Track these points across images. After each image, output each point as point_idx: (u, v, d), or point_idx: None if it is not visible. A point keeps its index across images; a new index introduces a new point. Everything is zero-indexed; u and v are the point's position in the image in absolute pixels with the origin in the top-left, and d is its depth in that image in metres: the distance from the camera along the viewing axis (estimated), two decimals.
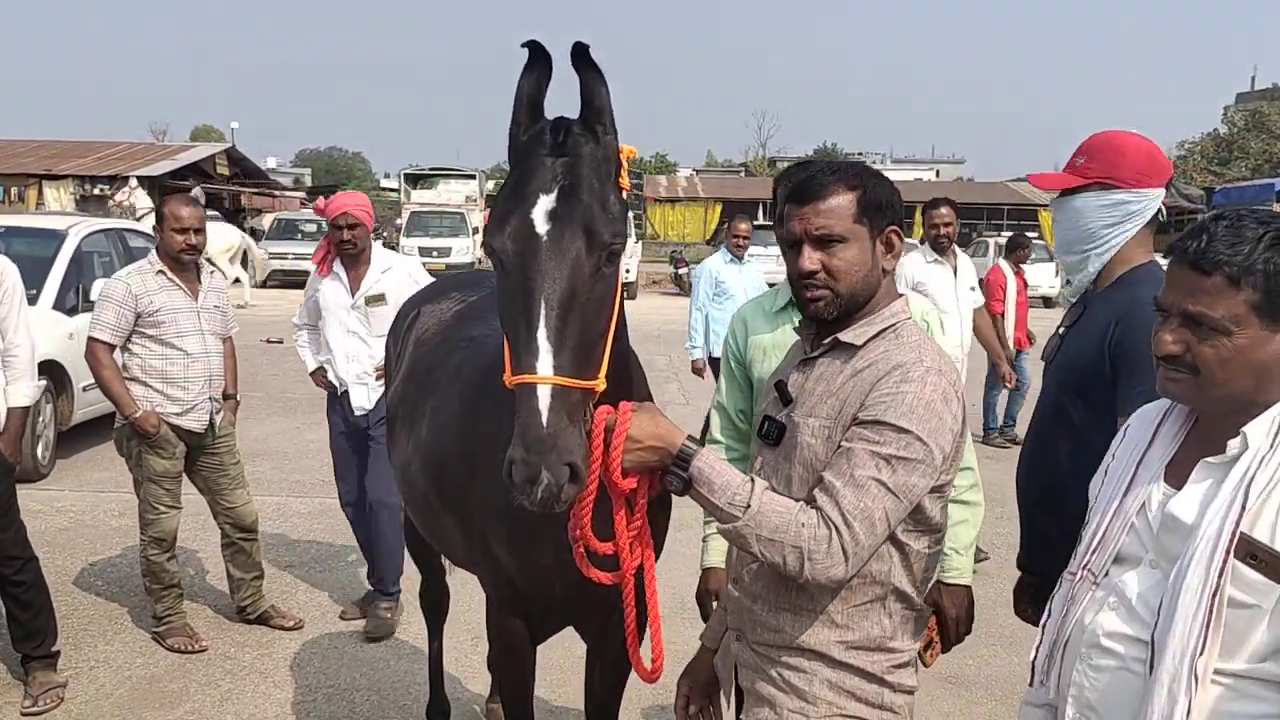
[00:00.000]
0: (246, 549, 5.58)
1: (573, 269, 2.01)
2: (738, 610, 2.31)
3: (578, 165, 2.07)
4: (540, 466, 1.89)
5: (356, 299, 5.54)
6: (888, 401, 2.04)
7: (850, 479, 2.00)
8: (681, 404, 11.86)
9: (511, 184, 2.11)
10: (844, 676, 2.15)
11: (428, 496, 3.23)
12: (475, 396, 2.97)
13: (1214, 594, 1.70)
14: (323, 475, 8.57)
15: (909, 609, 2.20)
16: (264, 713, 4.65)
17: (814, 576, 1.99)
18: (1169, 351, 1.82)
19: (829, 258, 2.14)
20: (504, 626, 2.97)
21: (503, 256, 2.06)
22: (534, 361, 1.95)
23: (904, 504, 2.03)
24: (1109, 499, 1.97)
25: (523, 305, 1.99)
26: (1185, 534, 1.77)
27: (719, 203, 46.38)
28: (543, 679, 4.76)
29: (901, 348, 2.13)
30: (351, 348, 5.56)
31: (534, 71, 2.13)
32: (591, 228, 2.03)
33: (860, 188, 2.15)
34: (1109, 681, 1.86)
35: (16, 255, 9.28)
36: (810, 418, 2.15)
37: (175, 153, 37.97)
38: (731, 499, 2.02)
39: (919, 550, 2.17)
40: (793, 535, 1.99)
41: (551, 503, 1.92)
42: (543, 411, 1.92)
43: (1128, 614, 1.85)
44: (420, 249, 27.43)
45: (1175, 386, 1.85)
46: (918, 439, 2.02)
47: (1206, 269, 1.77)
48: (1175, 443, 1.92)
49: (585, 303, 2.02)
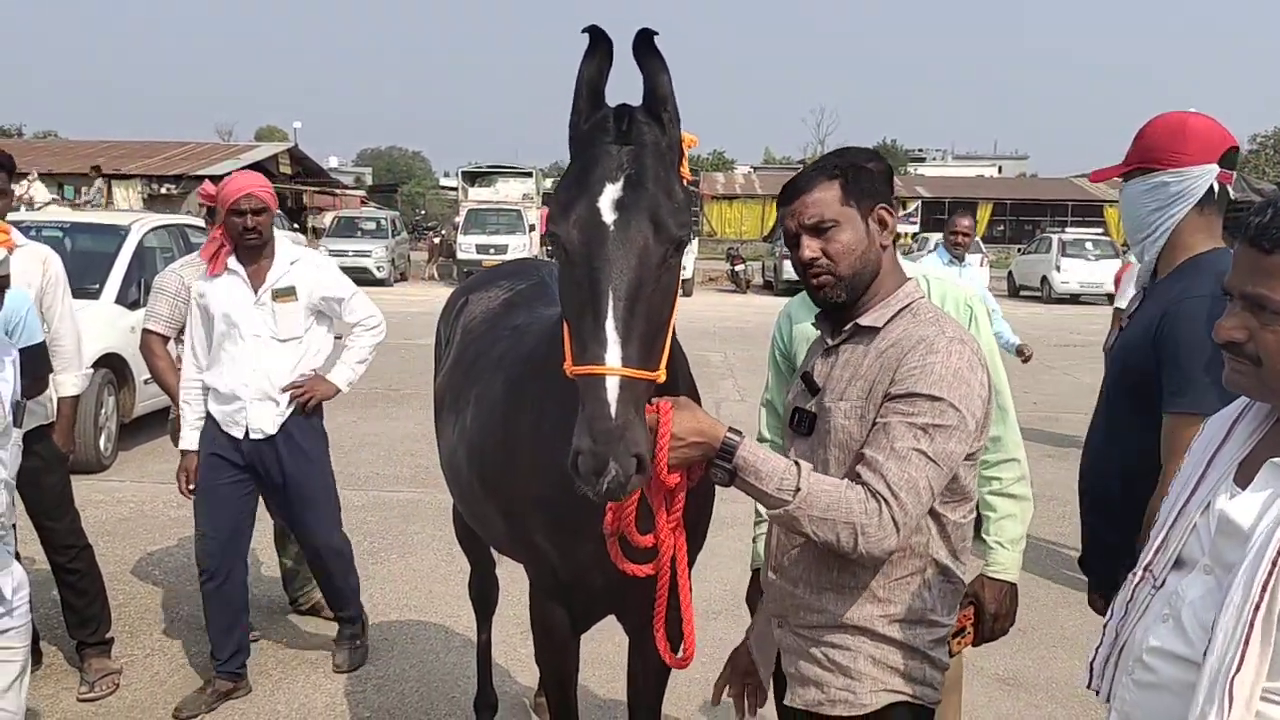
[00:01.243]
0: None
1: (640, 259, 1.99)
2: (779, 596, 2.35)
3: (643, 154, 2.05)
4: (608, 458, 1.87)
5: (261, 294, 4.56)
6: (917, 374, 2.10)
7: (891, 451, 2.06)
8: (737, 400, 11.79)
9: (575, 172, 2.08)
10: (887, 652, 2.22)
11: (472, 484, 3.21)
12: (517, 385, 2.94)
13: (1255, 607, 1.57)
14: (378, 469, 8.67)
15: (947, 581, 2.27)
16: (314, 702, 4.67)
17: (868, 550, 2.03)
18: (1229, 338, 1.69)
19: (826, 243, 2.22)
20: (546, 615, 2.95)
21: (568, 245, 2.03)
22: (602, 352, 1.93)
23: (944, 471, 2.09)
24: (1176, 498, 1.87)
25: (589, 295, 1.97)
26: (1241, 540, 1.64)
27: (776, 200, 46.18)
28: (590, 673, 4.75)
29: (921, 323, 2.20)
30: (255, 355, 4.55)
31: (595, 58, 2.10)
32: (658, 217, 2.01)
33: (841, 175, 2.24)
34: (1146, 699, 1.77)
35: (81, 251, 9.59)
36: (841, 401, 2.21)
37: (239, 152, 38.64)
38: (780, 484, 2.03)
39: (955, 520, 2.23)
40: (844, 512, 2.02)
41: (617, 494, 1.91)
42: (611, 403, 1.90)
43: (1175, 628, 1.74)
44: (477, 246, 27.73)
45: (1238, 378, 1.72)
46: (950, 405, 2.08)
47: (1267, 247, 1.62)
48: (1251, 441, 1.78)
49: (652, 293, 2.00)
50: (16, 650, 3.03)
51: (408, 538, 6.94)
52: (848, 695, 2.21)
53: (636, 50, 2.07)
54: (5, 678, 3.00)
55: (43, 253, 4.72)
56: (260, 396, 4.57)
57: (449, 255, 31.49)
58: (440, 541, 6.63)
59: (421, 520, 7.24)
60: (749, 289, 30.44)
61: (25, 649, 3.09)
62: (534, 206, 31.68)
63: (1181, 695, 1.67)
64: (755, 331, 19.65)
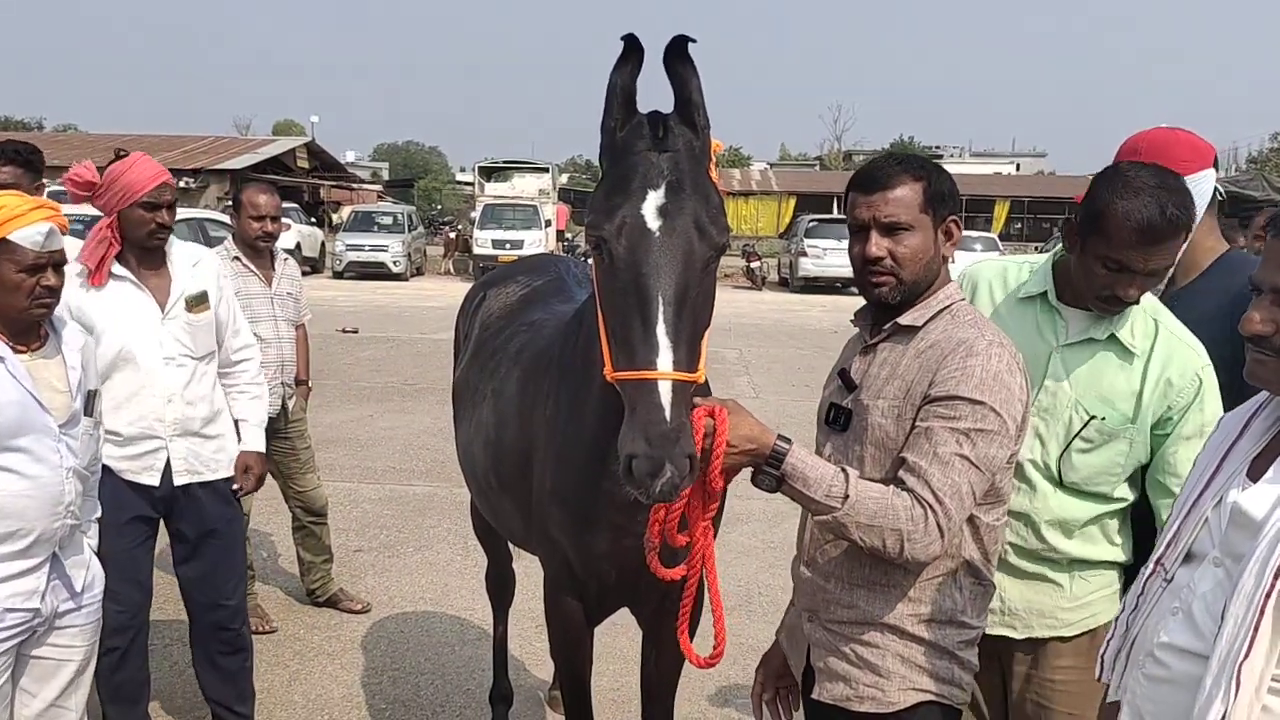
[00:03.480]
0: (316, 532, 5.65)
1: (686, 264, 2.03)
2: (810, 590, 2.36)
3: (680, 160, 2.10)
4: (664, 460, 1.90)
5: (171, 307, 3.70)
6: (958, 376, 2.10)
7: (935, 457, 2.07)
8: (752, 397, 11.77)
9: (615, 179, 2.11)
10: (915, 651, 2.22)
11: (488, 478, 3.25)
12: (533, 379, 2.97)
13: (1266, 595, 1.59)
14: (394, 463, 8.71)
15: (978, 583, 2.26)
16: (330, 694, 4.71)
17: (913, 555, 2.06)
18: (1256, 331, 1.70)
19: (895, 245, 2.20)
20: (560, 607, 2.97)
21: (614, 251, 2.05)
22: (654, 357, 1.97)
23: (986, 476, 2.10)
24: (1190, 491, 1.88)
25: (638, 301, 2.00)
26: (1253, 531, 1.66)
27: (792, 196, 46.01)
28: (605, 667, 4.77)
29: (961, 325, 2.20)
30: (169, 382, 3.66)
31: (628, 64, 2.13)
32: (701, 223, 2.06)
33: (925, 178, 2.21)
34: (1157, 693, 1.78)
35: None
36: (879, 399, 2.21)
37: (256, 146, 38.86)
38: (829, 491, 2.07)
39: (989, 523, 2.23)
40: (890, 519, 2.04)
41: (670, 495, 1.94)
42: (666, 406, 1.94)
43: (1185, 621, 1.75)
44: (494, 241, 27.75)
45: (1264, 370, 1.73)
46: (991, 410, 2.08)
47: None
48: (1267, 436, 1.80)
49: (696, 297, 2.05)
50: (77, 649, 2.93)
51: (424, 532, 6.98)
52: (876, 693, 2.22)
53: (668, 56, 2.11)
54: (62, 676, 2.91)
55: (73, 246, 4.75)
56: (181, 432, 3.70)
57: (465, 250, 31.57)
58: (456, 535, 6.67)
59: (438, 514, 7.28)
60: (764, 286, 30.39)
61: (89, 647, 2.99)
62: (550, 202, 31.69)
63: (1192, 690, 1.68)
64: (771, 328, 19.64)
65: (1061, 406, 2.46)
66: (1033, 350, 2.46)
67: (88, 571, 2.97)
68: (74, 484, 2.82)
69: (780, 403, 11.28)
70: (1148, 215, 2.27)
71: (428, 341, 14.75)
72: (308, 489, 5.58)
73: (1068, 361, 2.48)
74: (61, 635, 2.90)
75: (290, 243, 23.79)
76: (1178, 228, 2.28)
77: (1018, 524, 2.51)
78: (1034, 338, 2.51)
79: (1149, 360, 2.44)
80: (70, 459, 2.81)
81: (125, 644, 3.76)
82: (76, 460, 2.84)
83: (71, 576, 2.90)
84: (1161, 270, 2.36)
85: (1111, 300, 2.38)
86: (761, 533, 6.74)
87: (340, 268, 28.26)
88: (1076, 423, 2.44)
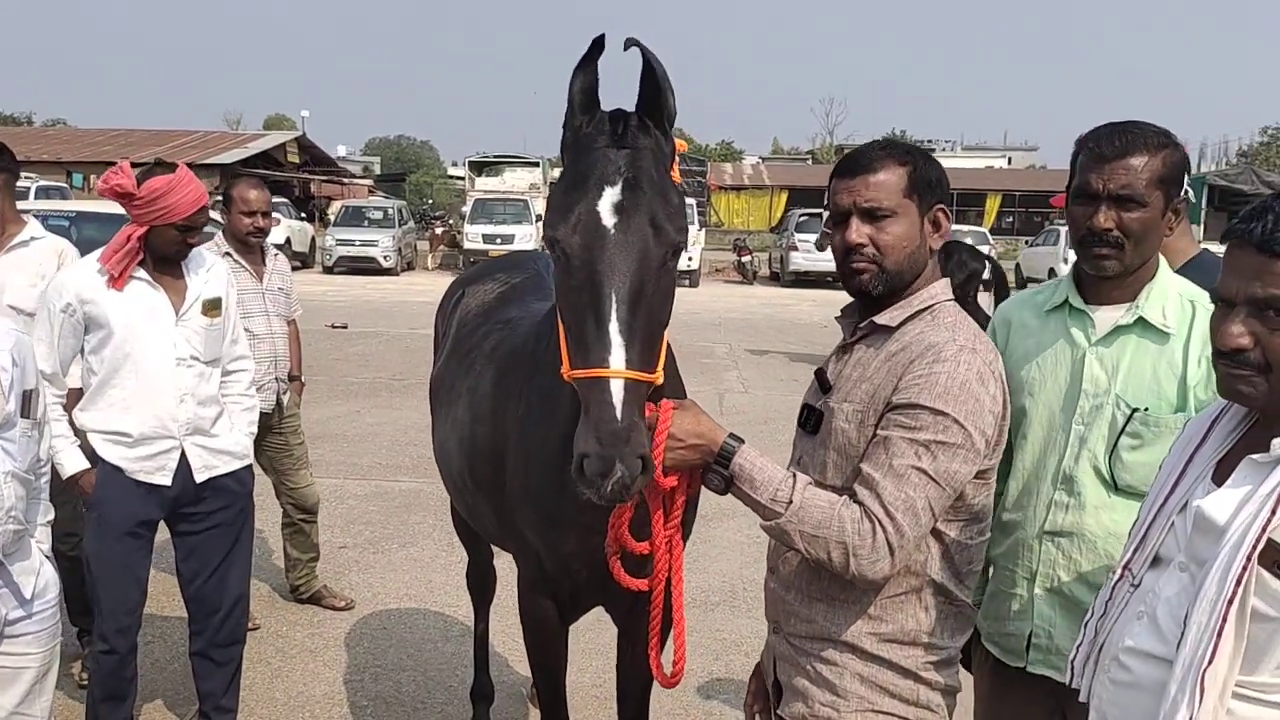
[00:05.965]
0: (305, 530, 5.65)
1: (641, 262, 2.00)
2: (774, 601, 2.29)
3: (640, 158, 2.07)
4: (615, 459, 1.88)
5: (187, 310, 3.74)
6: (921, 384, 1.99)
7: (889, 469, 1.97)
8: (740, 392, 11.77)
9: (572, 176, 2.09)
10: (876, 670, 2.11)
11: (463, 476, 3.25)
12: (508, 377, 2.97)
13: (1229, 602, 1.58)
14: (380, 459, 8.70)
15: (949, 603, 2.14)
16: (312, 691, 4.71)
17: (860, 572, 1.97)
18: (1238, 345, 1.66)
19: (877, 232, 2.09)
20: (534, 605, 2.98)
21: (568, 249, 2.04)
22: (606, 355, 1.95)
23: (947, 492, 1.99)
24: (1156, 495, 1.87)
25: (591, 298, 1.98)
26: (1216, 535, 1.65)
27: (785, 190, 46.06)
28: (587, 664, 4.78)
29: (936, 328, 2.09)
30: (183, 384, 3.71)
31: (593, 63, 2.11)
32: (658, 221, 2.03)
33: (910, 163, 2.11)
34: (1122, 697, 1.79)
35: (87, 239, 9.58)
36: (845, 403, 2.12)
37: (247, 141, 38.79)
38: (774, 495, 2.00)
39: (959, 540, 2.11)
40: (836, 531, 1.96)
41: (621, 495, 1.92)
42: (617, 405, 1.92)
43: (1150, 626, 1.75)
44: (484, 236, 27.70)
45: (1244, 385, 1.68)
46: (955, 422, 1.96)
47: (1277, 250, 1.62)
48: (1230, 440, 1.79)
49: (652, 296, 2.02)
50: (33, 655, 2.86)
51: (409, 528, 6.98)
52: (831, 713, 2.12)
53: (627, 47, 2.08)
54: (21, 684, 2.85)
55: (59, 245, 4.73)
56: (192, 431, 3.75)
57: (452, 245, 31.51)
58: (441, 531, 6.66)
59: (423, 510, 7.27)
60: (755, 280, 30.40)
61: (46, 653, 2.91)
62: (541, 196, 31.61)
63: (1156, 694, 1.68)
64: (761, 323, 19.64)
65: (1103, 406, 2.32)
66: (1067, 357, 2.39)
67: (38, 577, 2.87)
68: (14, 488, 2.73)
69: (769, 398, 11.27)
70: (1099, 131, 2.28)
71: (416, 337, 14.73)
72: (300, 485, 5.58)
73: (1102, 358, 2.34)
74: (15, 644, 2.82)
75: (280, 238, 23.73)
76: (1131, 141, 2.22)
77: (1067, 545, 2.35)
78: (1065, 344, 2.40)
79: (1188, 341, 2.29)
80: (7, 462, 2.71)
81: (127, 646, 3.80)
82: (15, 464, 2.73)
83: (20, 584, 2.81)
84: (1126, 197, 2.22)
85: (1090, 240, 2.27)
86: (746, 528, 6.73)
87: (330, 262, 28.19)
88: (1120, 419, 2.30)
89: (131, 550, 3.71)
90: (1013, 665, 2.46)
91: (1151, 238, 2.25)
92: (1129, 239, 2.20)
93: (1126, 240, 2.19)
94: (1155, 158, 2.19)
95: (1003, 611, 2.47)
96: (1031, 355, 2.47)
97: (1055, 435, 2.39)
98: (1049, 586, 2.37)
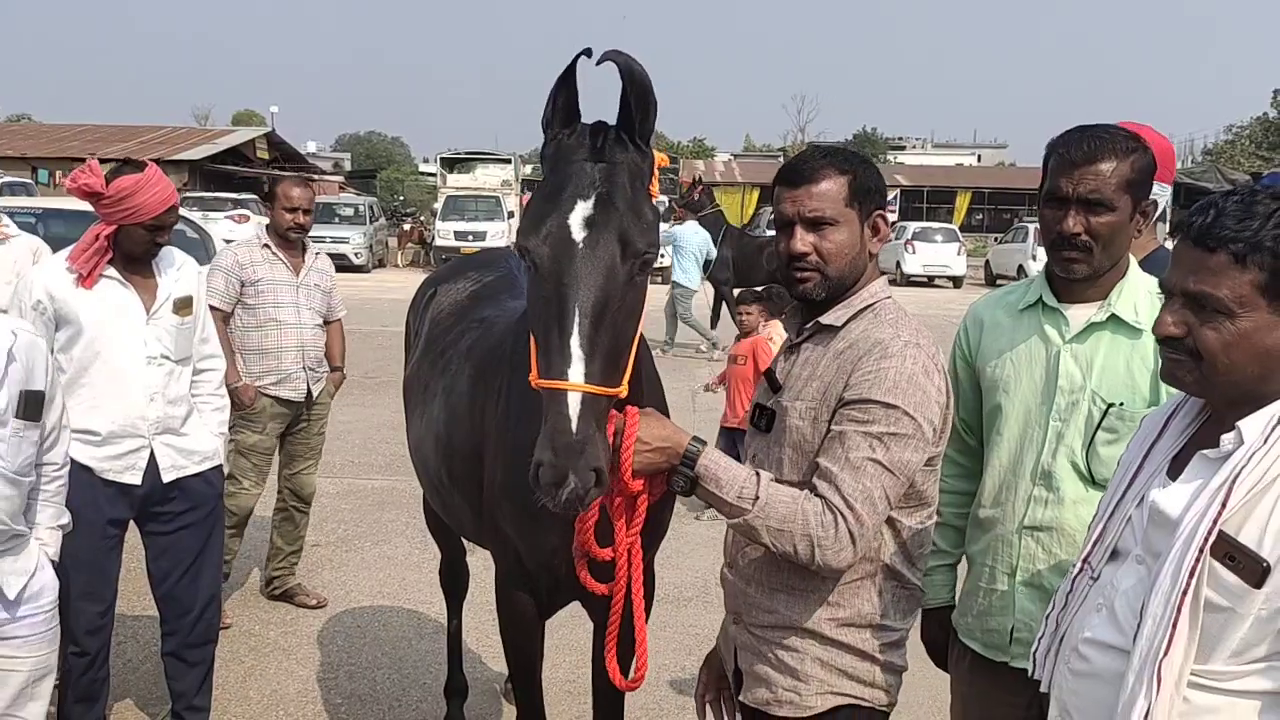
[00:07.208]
0: (295, 519, 5.68)
1: (607, 277, 2.03)
2: (734, 594, 2.35)
3: (615, 172, 2.09)
4: (568, 471, 1.92)
5: (158, 309, 3.70)
6: (871, 379, 2.08)
7: (846, 462, 2.05)
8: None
9: (549, 187, 2.11)
10: (835, 654, 2.21)
11: (440, 474, 3.26)
12: (484, 376, 2.99)
13: (1183, 593, 1.63)
14: (352, 457, 8.67)
15: (902, 586, 2.25)
16: (286, 689, 4.70)
17: (825, 562, 2.05)
18: (1169, 333, 1.74)
19: (820, 240, 2.17)
20: (511, 601, 3.00)
21: (537, 260, 2.06)
22: (566, 368, 1.98)
23: (900, 480, 2.08)
24: (1115, 490, 1.93)
25: (556, 310, 2.01)
26: (1170, 529, 1.70)
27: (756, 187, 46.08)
28: (561, 659, 4.80)
29: (880, 325, 2.17)
30: (153, 383, 3.67)
31: (575, 74, 2.11)
32: (627, 237, 2.05)
33: (851, 173, 2.18)
34: (1081, 686, 1.83)
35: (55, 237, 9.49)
36: (797, 401, 2.20)
37: (215, 136, 38.40)
38: (740, 493, 2.06)
39: (910, 526, 2.21)
40: (800, 524, 2.03)
41: (575, 506, 1.95)
42: (572, 418, 1.95)
43: (1108, 618, 1.80)
44: (456, 233, 27.58)
45: (1179, 371, 1.76)
46: (905, 413, 2.06)
47: (1211, 245, 1.68)
48: (1185, 436, 1.85)
49: (617, 311, 2.04)
50: (22, 659, 2.79)
51: (382, 525, 6.98)
52: (794, 697, 2.21)
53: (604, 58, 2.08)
54: (11, 686, 2.78)
55: (34, 244, 4.72)
56: (162, 430, 3.71)
57: (420, 242, 31.35)
58: (414, 529, 6.66)
59: (396, 508, 7.27)
60: None
61: (36, 659, 2.83)
62: (513, 193, 31.58)
63: (1114, 684, 1.73)
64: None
65: (1079, 402, 2.37)
66: (1042, 354, 2.43)
67: (31, 580, 2.80)
68: (8, 489, 2.70)
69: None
70: (1069, 136, 2.32)
71: (387, 334, 14.66)
72: (301, 471, 5.63)
73: (1077, 355, 2.39)
74: (4, 646, 2.76)
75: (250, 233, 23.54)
76: (1099, 146, 2.25)
77: (1047, 539, 2.40)
78: (1040, 342, 2.45)
79: None
80: None
81: (99, 646, 3.77)
82: (3, 464, 2.68)
83: (4, 584, 2.74)
84: (1094, 201, 2.26)
85: (1060, 244, 2.32)
86: (719, 525, 6.77)
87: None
88: (1095, 414, 2.35)
89: (102, 550, 3.69)
90: (996, 660, 2.50)
91: (1120, 241, 2.29)
92: (1097, 242, 2.24)
93: (1095, 244, 2.24)
94: (1124, 162, 2.23)
95: (983, 607, 2.51)
96: (1005, 353, 2.51)
97: (1032, 432, 2.44)
98: (1030, 581, 2.42)
